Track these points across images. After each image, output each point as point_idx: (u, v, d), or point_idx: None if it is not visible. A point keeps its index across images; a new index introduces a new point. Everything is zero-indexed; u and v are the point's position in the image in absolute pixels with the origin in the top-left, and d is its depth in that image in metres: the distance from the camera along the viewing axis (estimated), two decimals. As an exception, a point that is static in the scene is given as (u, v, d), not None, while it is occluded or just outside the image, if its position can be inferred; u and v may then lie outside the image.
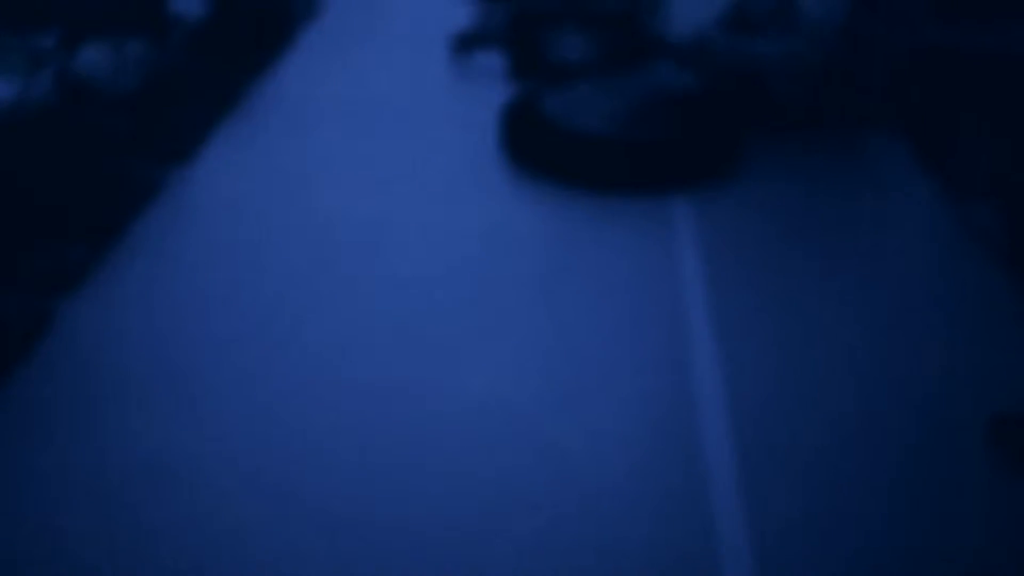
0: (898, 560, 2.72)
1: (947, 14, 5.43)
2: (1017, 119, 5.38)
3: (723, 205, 4.60)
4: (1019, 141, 5.15)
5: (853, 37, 5.04)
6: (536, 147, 4.85)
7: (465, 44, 6.27)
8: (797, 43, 5.00)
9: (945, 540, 2.78)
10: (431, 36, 6.76)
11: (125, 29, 5.82)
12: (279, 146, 5.15)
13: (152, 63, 5.58)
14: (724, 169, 4.88)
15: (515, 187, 4.76)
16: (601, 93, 5.14)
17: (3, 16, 5.67)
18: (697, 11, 5.24)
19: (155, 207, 4.50)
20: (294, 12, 6.99)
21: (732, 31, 5.35)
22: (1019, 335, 3.67)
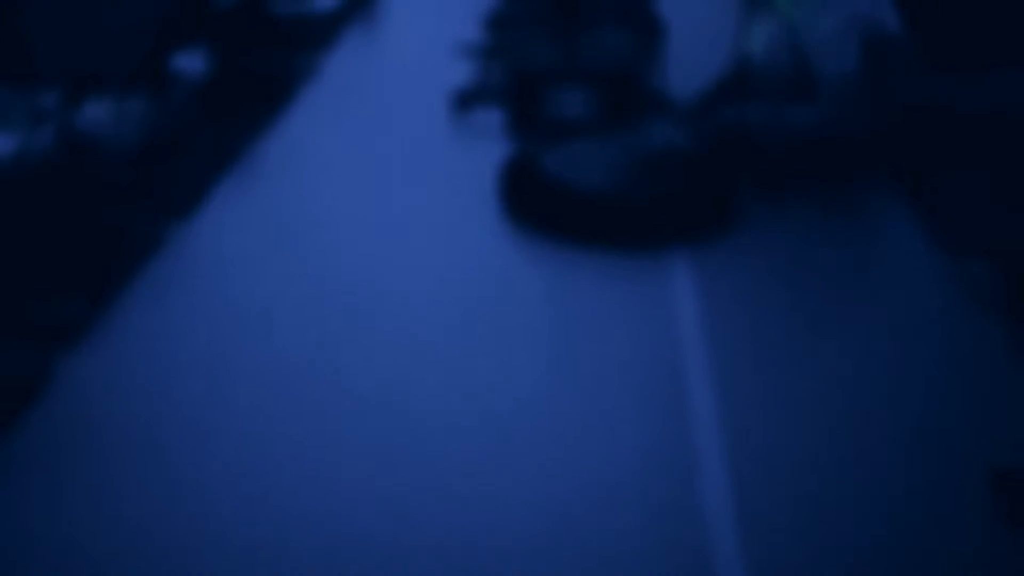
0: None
1: (943, 68, 5.50)
2: (1015, 176, 5.42)
3: (723, 260, 4.62)
4: (1017, 198, 5.19)
5: (865, 97, 5.09)
6: (536, 204, 4.87)
7: (464, 101, 6.32)
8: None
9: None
10: (430, 93, 6.82)
11: (127, 85, 5.87)
12: (280, 202, 5.17)
13: (153, 119, 5.62)
14: (724, 224, 4.91)
15: (515, 243, 4.77)
16: (601, 150, 5.18)
17: (5, 72, 5.72)
18: (697, 69, 5.29)
19: (156, 262, 4.51)
20: (295, 69, 7.05)
21: (735, 95, 5.41)
22: (1017, 389, 3.67)
